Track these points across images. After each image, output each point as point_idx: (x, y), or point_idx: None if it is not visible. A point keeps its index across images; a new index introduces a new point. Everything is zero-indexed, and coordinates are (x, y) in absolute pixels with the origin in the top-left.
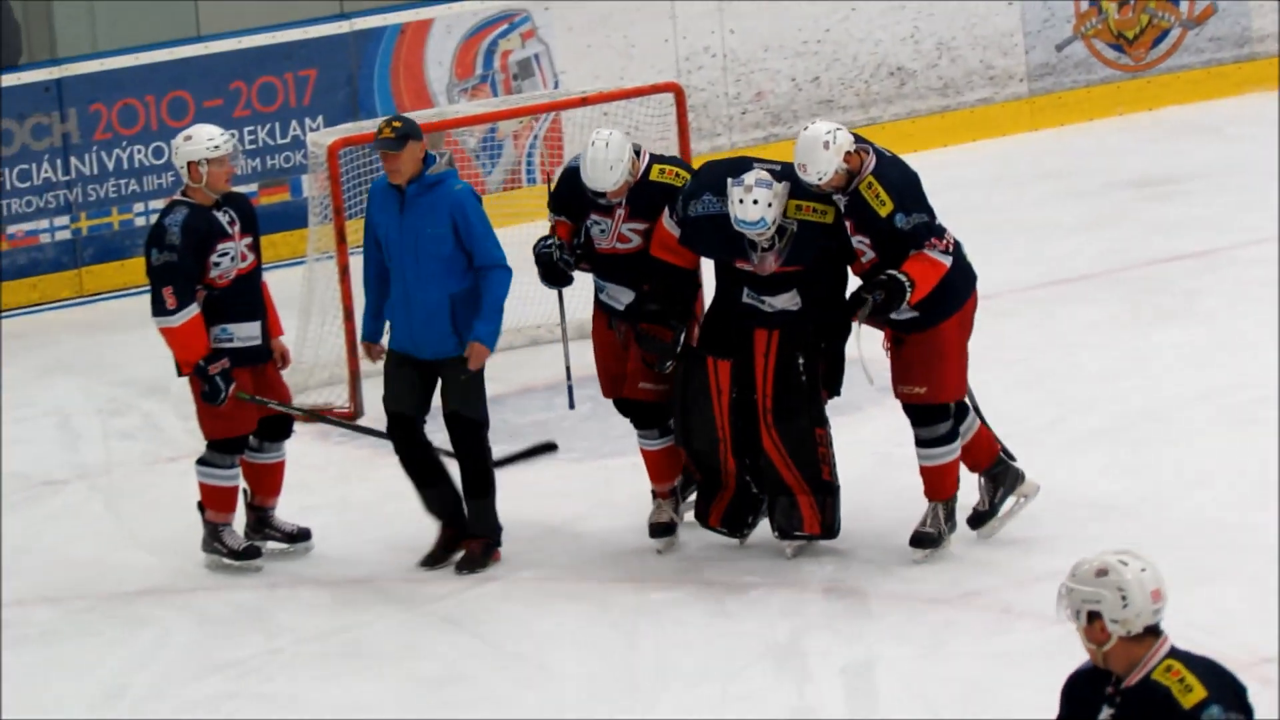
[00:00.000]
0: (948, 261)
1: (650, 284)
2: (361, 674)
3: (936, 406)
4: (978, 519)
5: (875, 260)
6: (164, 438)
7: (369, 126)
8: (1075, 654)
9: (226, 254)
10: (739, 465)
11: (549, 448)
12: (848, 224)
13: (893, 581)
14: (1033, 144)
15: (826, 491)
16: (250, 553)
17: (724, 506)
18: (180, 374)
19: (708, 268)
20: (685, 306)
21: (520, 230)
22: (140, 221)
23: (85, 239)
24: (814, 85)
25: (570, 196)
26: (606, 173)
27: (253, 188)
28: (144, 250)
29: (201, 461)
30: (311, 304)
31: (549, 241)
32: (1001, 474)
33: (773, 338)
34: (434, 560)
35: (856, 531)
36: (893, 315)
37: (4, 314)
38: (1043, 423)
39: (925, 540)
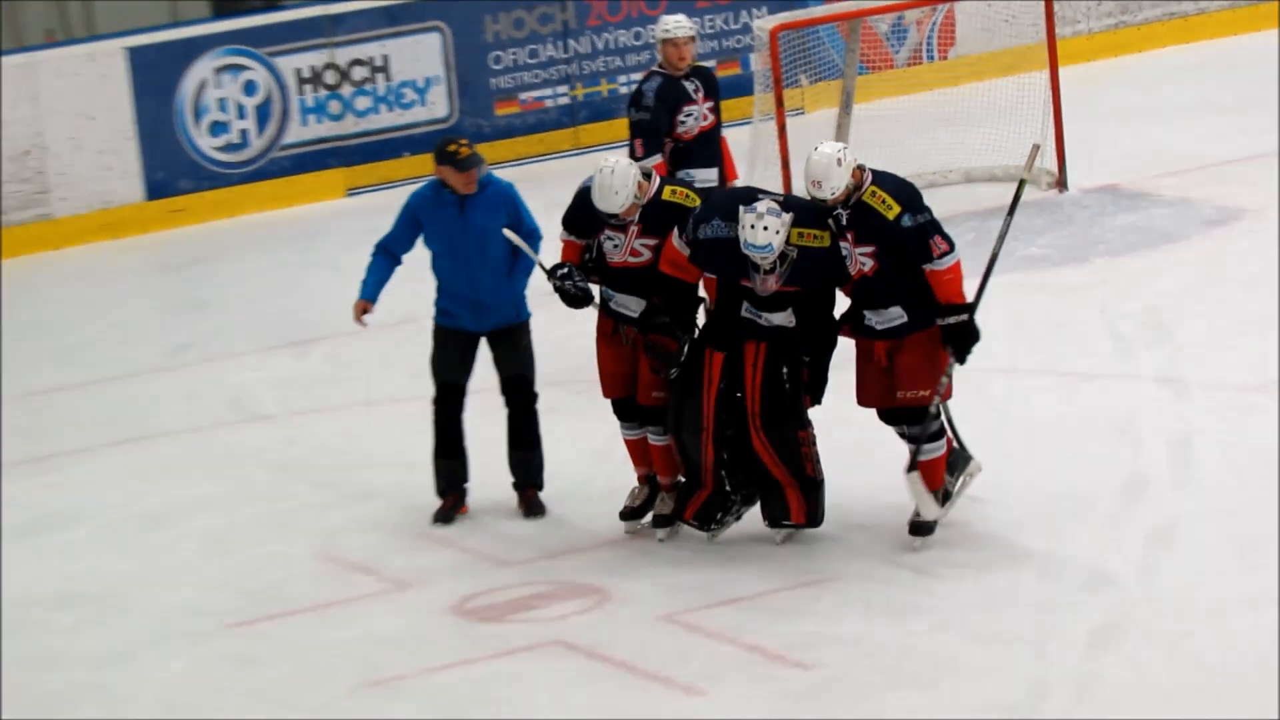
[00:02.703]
0: (955, 259)
1: (658, 297)
2: None
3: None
4: (921, 528)
5: (875, 268)
6: None
7: (804, 14)
8: None
9: (690, 115)
10: (716, 458)
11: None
12: (849, 236)
13: (1209, 371)
14: None
15: (811, 486)
16: None
17: (699, 503)
18: None
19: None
20: (689, 319)
21: (920, 98)
22: (623, 90)
23: (580, 104)
24: None
25: (584, 215)
26: (612, 197)
27: (711, 63)
28: (626, 110)
29: None
30: (756, 154)
31: (559, 273)
32: (953, 463)
33: (760, 349)
34: (447, 519)
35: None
36: (879, 325)
37: (516, 163)
38: None
39: (924, 529)
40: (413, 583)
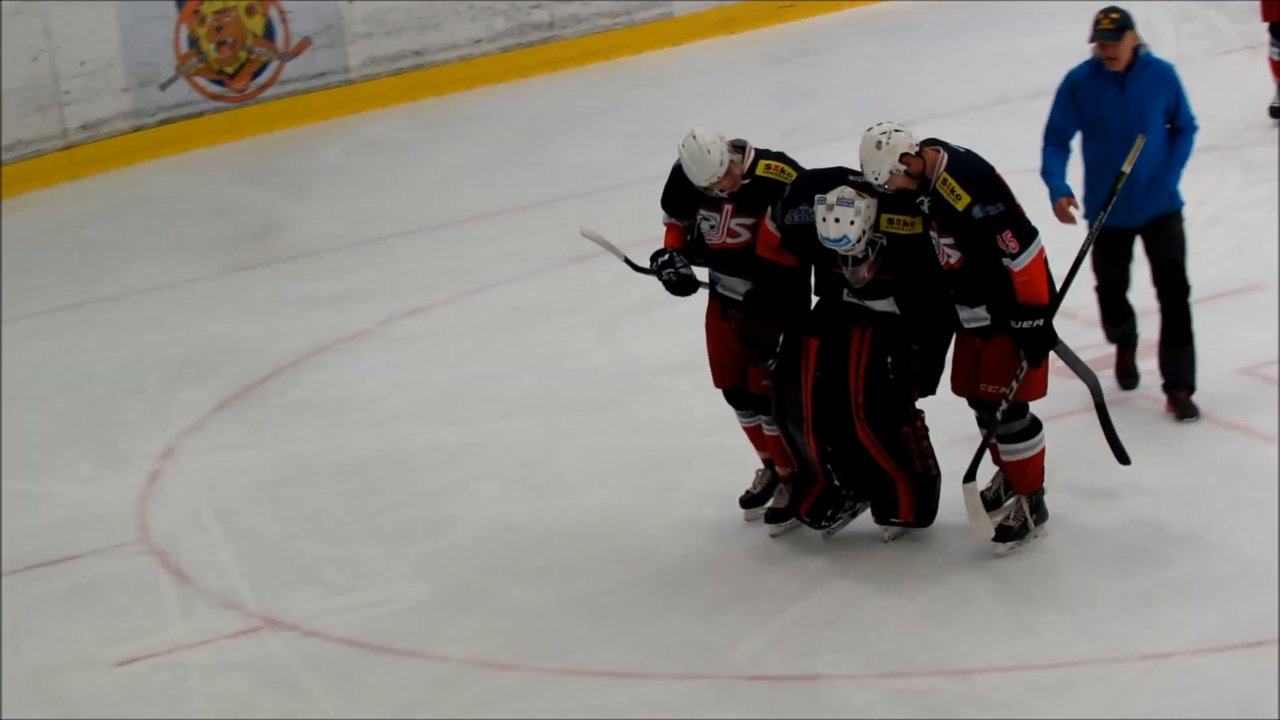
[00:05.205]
0: (1030, 258)
1: (756, 282)
2: None
3: (1017, 405)
4: (1007, 533)
5: (961, 261)
6: None
7: None
8: None
9: None
10: (820, 450)
11: None
12: (934, 225)
13: None
14: None
15: (921, 482)
16: None
17: (813, 499)
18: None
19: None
20: (790, 305)
21: None
22: None
23: None
24: None
25: (681, 194)
26: (705, 158)
27: None
28: None
29: None
30: None
31: (659, 260)
32: (1039, 503)
33: (865, 336)
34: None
35: None
36: (967, 323)
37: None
38: None
39: (1008, 534)
40: None
